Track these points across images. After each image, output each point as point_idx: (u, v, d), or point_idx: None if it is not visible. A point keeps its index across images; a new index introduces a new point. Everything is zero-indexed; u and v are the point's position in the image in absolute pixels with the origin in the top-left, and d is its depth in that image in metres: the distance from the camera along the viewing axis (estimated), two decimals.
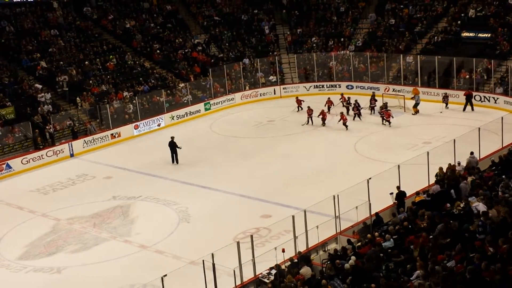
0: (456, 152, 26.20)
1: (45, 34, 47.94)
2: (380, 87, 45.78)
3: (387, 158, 31.60)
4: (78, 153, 39.02)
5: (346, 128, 38.17)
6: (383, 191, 23.52)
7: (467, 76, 43.39)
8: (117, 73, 46.96)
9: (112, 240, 26.62)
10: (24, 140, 39.05)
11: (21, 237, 27.55)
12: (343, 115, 38.62)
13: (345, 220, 22.46)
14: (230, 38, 53.99)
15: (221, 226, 26.60)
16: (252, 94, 48.72)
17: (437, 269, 15.55)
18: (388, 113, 38.79)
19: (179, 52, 50.81)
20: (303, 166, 33.15)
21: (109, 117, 41.68)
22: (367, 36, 51.73)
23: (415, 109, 40.91)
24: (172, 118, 44.14)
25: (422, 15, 50.56)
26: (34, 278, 24.02)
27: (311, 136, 37.99)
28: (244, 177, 32.52)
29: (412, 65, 46.32)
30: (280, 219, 23.18)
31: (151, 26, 52.65)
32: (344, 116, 38.55)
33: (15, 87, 42.76)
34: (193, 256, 22.17)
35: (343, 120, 38.33)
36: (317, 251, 21.48)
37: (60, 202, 31.30)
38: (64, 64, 45.66)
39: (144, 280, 21.83)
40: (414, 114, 40.65)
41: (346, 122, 38.31)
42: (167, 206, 29.57)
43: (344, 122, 38.28)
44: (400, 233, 19.85)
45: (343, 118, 38.39)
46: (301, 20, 55.13)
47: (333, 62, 49.83)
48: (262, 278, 19.71)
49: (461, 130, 32.71)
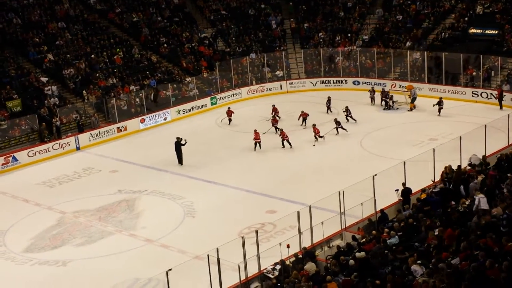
0: (462, 149, 26.14)
1: (52, 26, 47.99)
2: (387, 83, 45.72)
3: (393, 155, 31.57)
4: (84, 147, 39.09)
5: (284, 146, 35.52)
6: (389, 187, 23.50)
7: (474, 73, 43.26)
8: (124, 67, 46.99)
9: (117, 234, 26.69)
10: (31, 133, 39.14)
11: (27, 229, 27.64)
12: (283, 132, 35.94)
13: (350, 217, 22.47)
14: (237, 32, 53.95)
15: (226, 221, 26.64)
16: (258, 89, 48.70)
17: (441, 266, 15.56)
18: (317, 129, 36.04)
19: (185, 46, 50.80)
20: (308, 161, 33.16)
21: (115, 110, 41.73)
22: (374, 32, 51.63)
23: (412, 104, 40.89)
24: (179, 112, 44.17)
25: (430, 11, 50.42)
26: (39, 270, 24.10)
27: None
28: (250, 172, 32.55)
29: (419, 61, 46.23)
30: (285, 214, 23.26)
31: (158, 20, 52.66)
32: (284, 133, 35.75)
33: (22, 79, 42.83)
34: (198, 251, 22.22)
35: (283, 137, 35.60)
36: (322, 247, 21.50)
37: (66, 195, 31.38)
38: (71, 57, 45.71)
39: (149, 274, 21.92)
40: (410, 110, 40.70)
41: (286, 139, 35.50)
42: (173, 200, 29.62)
43: (284, 139, 35.49)
44: (405, 230, 19.86)
45: (283, 135, 35.68)
46: (308, 15, 55.04)
47: (339, 58, 49.76)
48: (267, 273, 19.74)
49: (468, 127, 32.58)
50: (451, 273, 14.89)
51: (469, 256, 15.99)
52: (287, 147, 35.53)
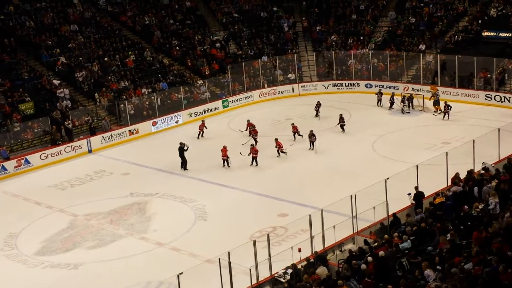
0: (476, 153, 25.95)
1: (65, 29, 48.16)
2: (399, 86, 45.55)
3: (405, 158, 31.41)
4: (96, 149, 39.16)
5: (253, 164, 33.87)
6: (401, 191, 23.35)
7: (488, 75, 42.97)
8: (136, 70, 47.07)
9: (129, 237, 26.70)
10: (43, 136, 39.25)
11: (39, 232, 27.71)
12: (254, 148, 34.25)
13: (362, 220, 22.33)
14: (249, 35, 53.93)
15: (238, 225, 26.59)
16: (270, 92, 48.63)
17: (453, 271, 15.42)
18: (280, 143, 34.74)
19: (197, 49, 50.84)
20: (320, 165, 33.06)
21: (127, 113, 41.79)
22: (386, 35, 51.46)
23: (437, 107, 40.49)
24: (190, 115, 44.17)
25: (443, 13, 50.20)
26: (51, 273, 24.14)
27: (329, 135, 37.78)
28: (262, 176, 32.50)
29: (432, 64, 46.03)
30: (297, 218, 23.15)
31: (170, 23, 52.73)
32: (255, 148, 34.12)
33: (35, 82, 42.98)
34: (209, 254, 22.17)
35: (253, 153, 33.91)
36: (334, 251, 21.39)
37: (77, 198, 31.44)
38: (83, 60, 45.85)
39: (160, 277, 21.93)
40: (436, 112, 40.12)
41: (254, 157, 33.79)
42: (184, 203, 29.60)
43: (253, 155, 33.81)
44: (417, 234, 19.72)
45: (254, 151, 33.96)
46: (320, 17, 54.95)
47: (352, 61, 49.62)
48: (278, 277, 19.65)
49: (481, 131, 32.40)
50: (464, 278, 14.76)
51: (482, 261, 15.84)
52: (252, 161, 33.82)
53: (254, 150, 33.84)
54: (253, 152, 33.78)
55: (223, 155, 33.73)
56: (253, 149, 33.93)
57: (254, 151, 33.79)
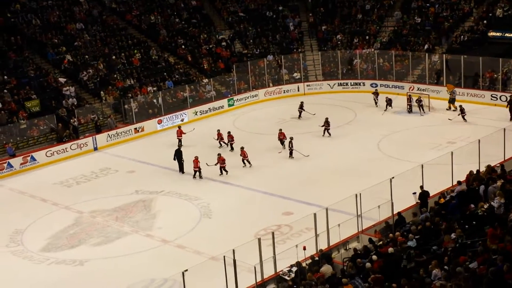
0: (481, 152, 25.93)
1: (71, 27, 48.28)
2: (404, 85, 45.54)
3: (410, 157, 31.41)
4: (102, 147, 39.26)
5: (222, 173, 32.49)
6: (406, 190, 23.35)
7: (495, 75, 42.93)
8: (142, 68, 47.16)
9: (134, 234, 26.77)
10: (49, 133, 39.36)
11: (44, 229, 27.81)
12: (221, 157, 32.64)
13: (367, 219, 22.32)
14: (255, 34, 53.97)
15: (243, 222, 26.64)
16: (275, 91, 48.67)
17: (458, 270, 15.43)
18: (245, 152, 33.52)
19: (203, 47, 50.90)
20: (326, 164, 33.06)
21: (132, 111, 41.89)
22: (392, 34, 51.44)
23: (453, 105, 40.42)
24: (196, 113, 44.24)
25: (449, 13, 50.15)
26: (56, 270, 24.22)
27: (335, 134, 37.79)
28: (267, 174, 32.52)
29: (438, 64, 46.00)
30: (301, 216, 23.19)
31: (176, 21, 52.80)
32: (222, 158, 32.52)
33: (41, 80, 43.12)
34: (214, 252, 22.25)
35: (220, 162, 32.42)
36: (339, 250, 21.41)
37: (83, 195, 31.54)
38: (89, 58, 45.96)
39: (165, 275, 21.99)
40: (456, 110, 39.62)
41: (222, 167, 32.42)
42: (189, 201, 29.66)
43: (221, 165, 32.41)
44: (422, 233, 19.73)
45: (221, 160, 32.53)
46: (326, 17, 54.94)
47: (357, 60, 49.62)
48: (283, 275, 19.68)
49: (487, 131, 32.39)
50: (469, 277, 14.77)
51: (487, 260, 15.85)
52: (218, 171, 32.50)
53: (221, 160, 32.35)
54: (220, 162, 32.37)
55: (195, 166, 32.21)
56: (220, 159, 32.37)
57: (222, 161, 32.34)
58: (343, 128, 38.76)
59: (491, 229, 17.65)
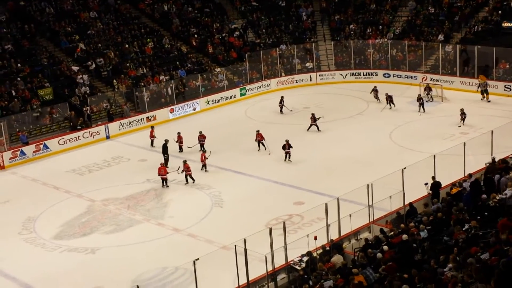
0: (494, 143, 25.81)
1: (84, 16, 48.33)
2: (417, 76, 45.33)
3: (422, 148, 31.33)
4: (114, 135, 39.38)
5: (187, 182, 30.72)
6: (418, 181, 23.30)
7: (507, 66, 42.66)
8: (154, 57, 47.18)
9: (145, 223, 26.87)
10: (62, 121, 39.51)
11: (57, 217, 27.96)
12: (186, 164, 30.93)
13: (379, 209, 22.32)
14: (268, 24, 53.83)
15: (254, 212, 26.66)
16: (288, 81, 48.59)
17: (469, 261, 15.38)
18: (260, 134, 33.75)
19: (216, 37, 50.84)
20: (337, 154, 33.00)
21: (145, 100, 41.95)
22: (405, 25, 51.17)
23: (486, 95, 40.34)
24: (208, 102, 44.26)
25: (463, 4, 49.81)
26: (68, 257, 24.37)
27: (347, 124, 37.74)
28: (278, 164, 32.50)
29: (451, 54, 45.74)
30: (313, 206, 23.24)
31: (189, 10, 52.74)
32: (187, 165, 30.81)
33: (54, 68, 43.23)
34: (225, 241, 22.24)
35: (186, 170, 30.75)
36: (350, 240, 21.41)
37: (95, 183, 31.67)
38: (102, 47, 46.03)
39: (176, 263, 22.01)
40: (489, 101, 39.92)
41: (189, 174, 30.70)
42: (201, 190, 29.73)
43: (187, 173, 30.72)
44: (433, 224, 19.68)
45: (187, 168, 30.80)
46: (339, 7, 54.71)
47: (370, 50, 49.41)
48: (294, 265, 19.74)
49: (500, 121, 32.24)
50: (480, 268, 14.72)
51: (498, 251, 15.79)
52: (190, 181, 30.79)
53: (186, 167, 30.67)
54: (185, 169, 30.66)
55: (162, 173, 30.64)
56: (185, 166, 30.71)
57: (187, 168, 30.68)
58: (355, 118, 38.65)
59: (503, 219, 17.56)
